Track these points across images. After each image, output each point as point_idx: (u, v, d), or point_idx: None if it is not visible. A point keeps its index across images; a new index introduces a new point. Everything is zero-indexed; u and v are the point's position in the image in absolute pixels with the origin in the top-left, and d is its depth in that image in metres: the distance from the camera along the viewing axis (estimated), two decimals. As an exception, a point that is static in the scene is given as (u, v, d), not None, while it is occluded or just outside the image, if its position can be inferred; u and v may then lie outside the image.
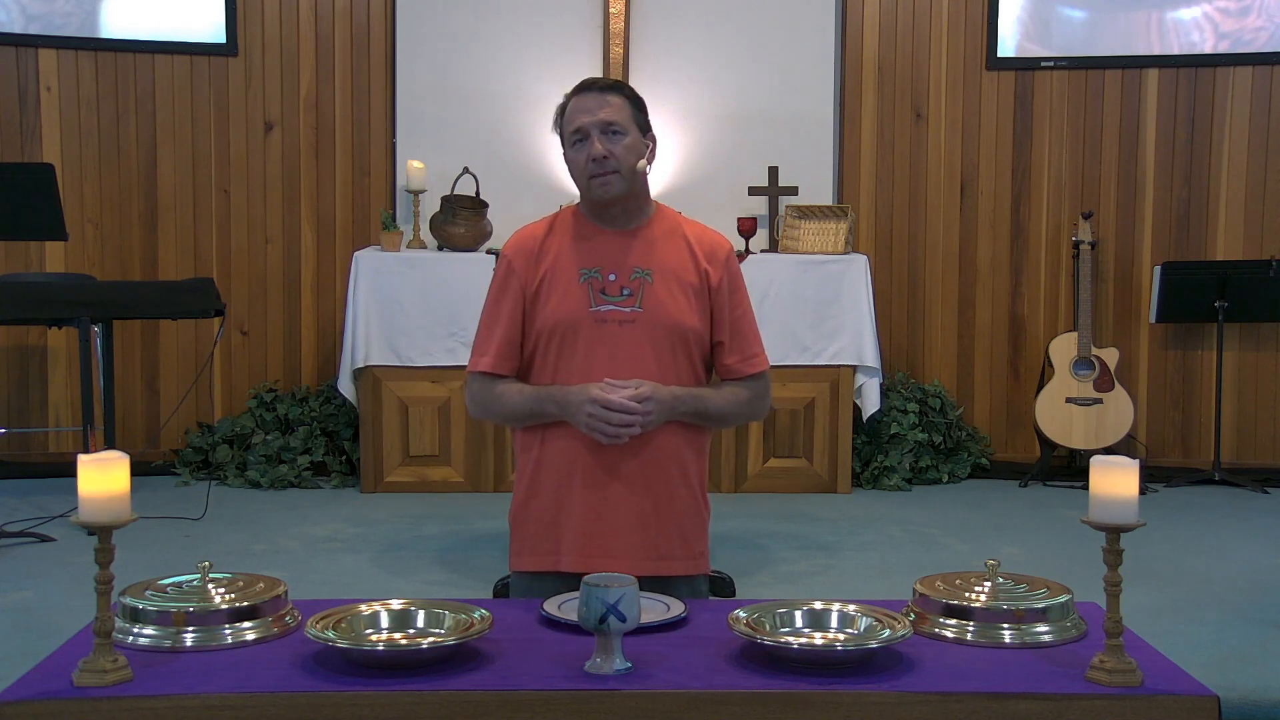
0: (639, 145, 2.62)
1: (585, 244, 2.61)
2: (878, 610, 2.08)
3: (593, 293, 2.57)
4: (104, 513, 1.86)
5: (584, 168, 2.58)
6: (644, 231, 2.63)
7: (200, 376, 5.87)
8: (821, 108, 6.12)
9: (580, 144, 2.59)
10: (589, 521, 2.56)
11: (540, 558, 2.62)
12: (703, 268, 2.63)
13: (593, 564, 2.50)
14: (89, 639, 1.91)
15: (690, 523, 2.65)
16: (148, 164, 6.01)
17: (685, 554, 2.64)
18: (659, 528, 2.59)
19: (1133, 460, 1.91)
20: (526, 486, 2.65)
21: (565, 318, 2.56)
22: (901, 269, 6.19)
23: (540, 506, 2.62)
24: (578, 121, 2.59)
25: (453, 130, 6.05)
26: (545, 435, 2.59)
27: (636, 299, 2.57)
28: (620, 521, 2.57)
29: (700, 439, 2.68)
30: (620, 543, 2.56)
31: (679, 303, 2.59)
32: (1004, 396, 6.22)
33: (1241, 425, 6.05)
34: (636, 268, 2.58)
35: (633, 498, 2.56)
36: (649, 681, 1.89)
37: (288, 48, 6.06)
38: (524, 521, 2.66)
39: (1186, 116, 6.04)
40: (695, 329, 2.61)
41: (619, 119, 2.59)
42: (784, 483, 5.61)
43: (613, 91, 2.62)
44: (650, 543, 2.58)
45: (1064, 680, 1.91)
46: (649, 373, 2.55)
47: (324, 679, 1.89)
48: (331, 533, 4.89)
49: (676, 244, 2.64)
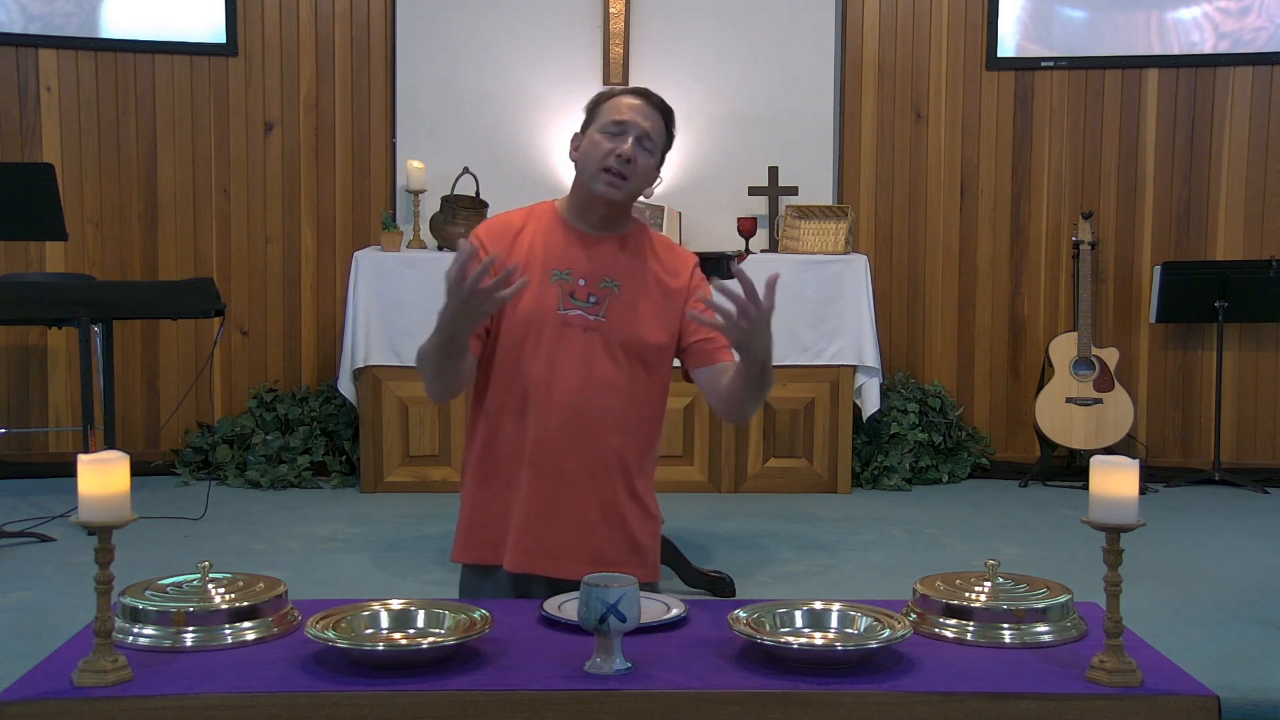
0: (653, 174, 2.61)
1: (560, 244, 2.58)
2: (878, 610, 2.08)
3: (562, 294, 2.54)
4: (104, 513, 1.86)
5: (603, 158, 2.53)
6: (618, 241, 2.61)
7: (200, 376, 5.87)
8: (821, 108, 6.12)
9: (614, 135, 2.54)
10: (526, 524, 2.51)
11: (472, 550, 2.57)
12: (669, 284, 2.61)
13: (533, 565, 2.48)
14: (89, 639, 1.90)
15: (640, 529, 2.60)
16: (148, 164, 6.01)
17: (636, 561, 2.57)
18: (605, 533, 2.55)
19: (1133, 460, 1.91)
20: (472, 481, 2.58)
21: (535, 315, 2.52)
22: (901, 269, 6.19)
23: (476, 500, 2.57)
24: (626, 115, 2.55)
25: (453, 130, 6.05)
26: (498, 431, 2.53)
27: (601, 308, 2.54)
28: (558, 525, 2.51)
29: (649, 445, 2.62)
30: (557, 546, 2.51)
31: (642, 317, 2.56)
32: (1004, 396, 6.22)
33: (1241, 425, 6.06)
34: (606, 277, 2.56)
35: (574, 502, 2.52)
36: (649, 681, 1.88)
37: (288, 48, 6.06)
38: (466, 514, 2.59)
39: (1186, 116, 6.04)
40: (656, 344, 2.57)
41: (656, 139, 2.58)
42: (784, 483, 5.61)
43: (661, 114, 2.61)
44: (594, 547, 2.52)
45: (1064, 680, 1.90)
46: (610, 379, 2.52)
47: (324, 679, 1.88)
48: (331, 533, 4.90)
49: (646, 258, 2.62)
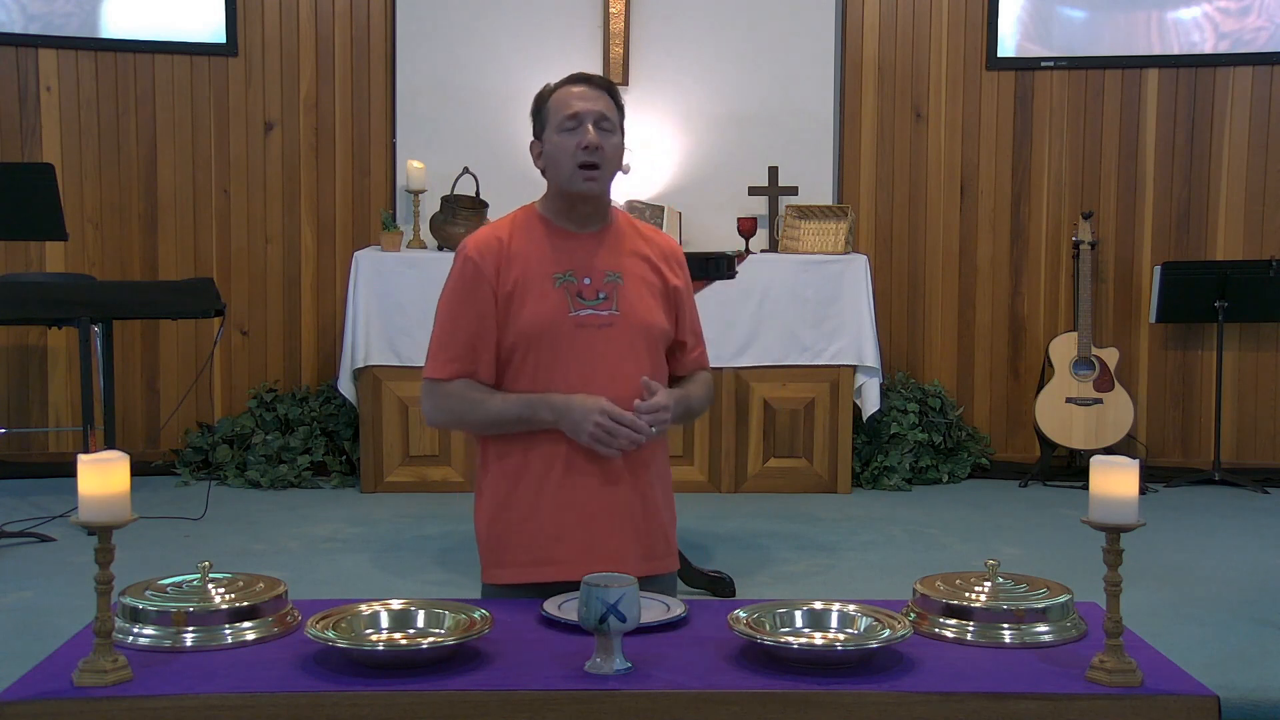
0: (621, 149, 2.58)
1: (553, 247, 2.55)
2: (878, 610, 2.08)
3: (570, 297, 2.51)
4: (104, 513, 1.86)
5: (573, 155, 2.49)
6: (607, 234, 2.59)
7: (200, 376, 5.87)
8: (821, 108, 6.12)
9: (571, 131, 2.50)
10: (589, 527, 2.51)
11: (534, 569, 2.50)
12: (662, 270, 2.61)
13: (595, 570, 2.48)
14: (89, 639, 1.90)
15: (668, 520, 2.64)
16: (148, 164, 6.01)
17: (666, 552, 2.63)
18: (648, 529, 2.58)
19: (1133, 460, 1.91)
20: (505, 495, 2.54)
21: (544, 324, 2.49)
22: (901, 269, 6.19)
23: (521, 515, 2.52)
24: (575, 107, 2.51)
25: (453, 130, 6.05)
26: (530, 443, 2.50)
27: (612, 302, 2.52)
28: (618, 527, 2.53)
29: (665, 438, 2.66)
30: (620, 546, 2.52)
31: (649, 304, 2.57)
32: (1004, 396, 6.22)
33: (1241, 425, 6.05)
34: (608, 271, 2.54)
35: (625, 502, 2.53)
36: (649, 681, 1.88)
37: (288, 48, 6.06)
38: (506, 533, 2.54)
39: (1186, 116, 6.04)
40: (665, 329, 2.59)
41: (612, 117, 2.54)
42: (784, 483, 5.61)
43: (606, 91, 2.57)
44: (642, 544, 2.56)
45: (1064, 680, 1.90)
46: (627, 375, 2.51)
47: (324, 679, 1.89)
48: (331, 533, 4.89)
49: (635, 246, 2.61)
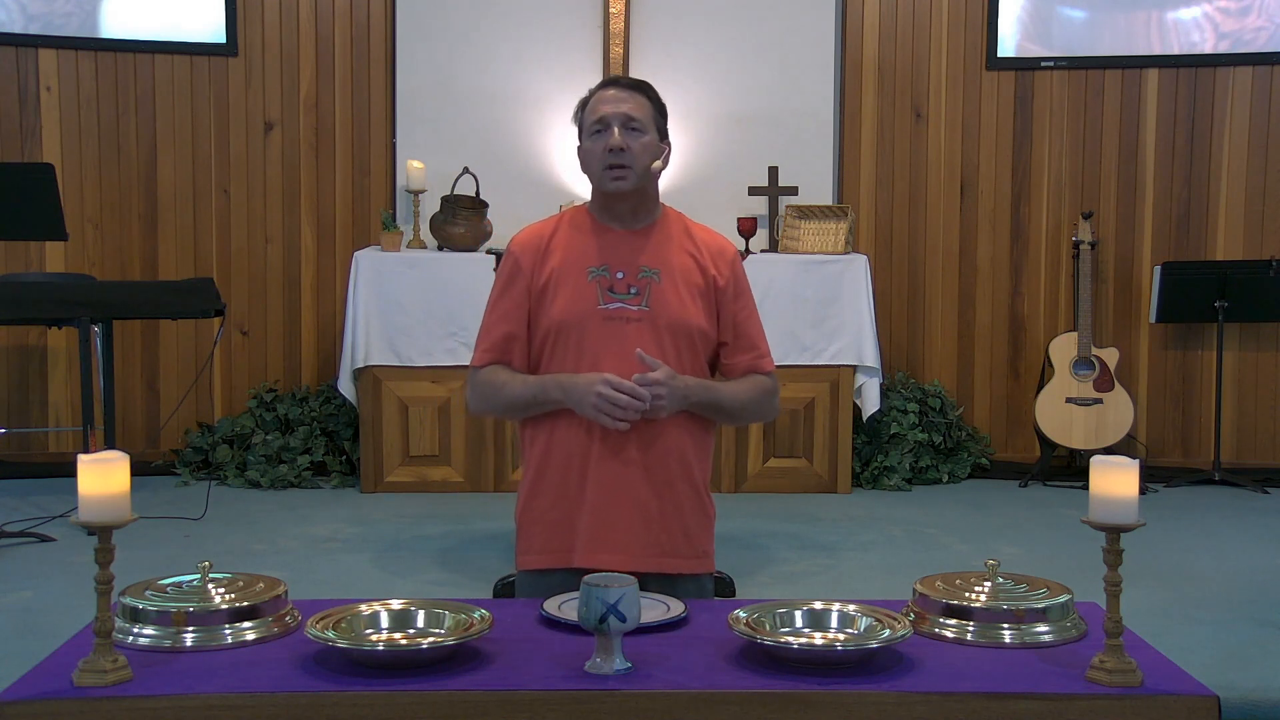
0: (655, 147, 2.64)
1: (593, 242, 2.63)
2: (878, 610, 2.08)
3: (601, 290, 2.58)
4: (104, 513, 1.86)
5: (600, 157, 2.59)
6: (652, 232, 2.65)
7: (200, 376, 5.87)
8: (821, 108, 6.12)
9: (599, 134, 2.60)
10: (597, 516, 2.56)
11: (549, 555, 2.60)
12: (709, 270, 2.66)
13: (600, 559, 2.50)
14: (89, 639, 1.91)
15: (694, 521, 2.65)
16: (148, 164, 6.01)
17: (690, 552, 2.64)
18: (663, 524, 2.60)
19: (1133, 460, 1.91)
20: (531, 482, 2.64)
21: (574, 315, 2.57)
22: (901, 269, 6.19)
23: (547, 503, 2.61)
24: (601, 111, 2.60)
25: (453, 130, 6.05)
26: (553, 428, 2.59)
27: (644, 297, 2.59)
28: (626, 516, 2.57)
29: (705, 438, 2.68)
30: (626, 538, 2.56)
31: (685, 302, 2.61)
32: (1004, 396, 6.22)
33: (1241, 425, 6.05)
34: (644, 267, 2.61)
35: (638, 492, 2.57)
36: (649, 681, 1.89)
37: (288, 48, 6.06)
38: (531, 519, 2.64)
39: (1186, 116, 6.04)
40: (701, 328, 2.63)
41: (641, 116, 2.61)
42: (784, 483, 5.61)
43: (638, 90, 2.65)
44: (655, 538, 2.58)
45: (1064, 680, 1.91)
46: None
47: (324, 679, 1.89)
48: (331, 533, 4.89)
49: (683, 245, 2.66)
